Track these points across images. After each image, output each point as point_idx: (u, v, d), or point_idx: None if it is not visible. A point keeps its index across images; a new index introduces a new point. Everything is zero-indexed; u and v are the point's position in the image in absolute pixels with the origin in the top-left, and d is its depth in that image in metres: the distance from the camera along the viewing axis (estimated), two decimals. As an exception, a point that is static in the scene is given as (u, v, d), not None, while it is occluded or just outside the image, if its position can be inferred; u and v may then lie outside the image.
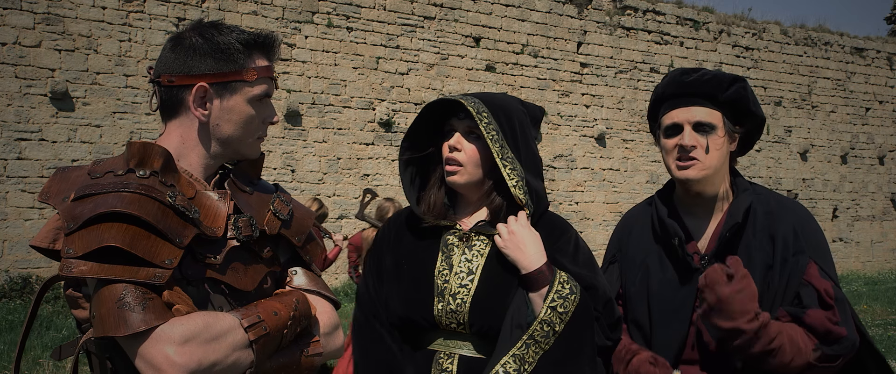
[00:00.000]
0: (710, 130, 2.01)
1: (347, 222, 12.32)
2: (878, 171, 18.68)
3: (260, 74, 1.58)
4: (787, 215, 2.06)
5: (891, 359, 7.69)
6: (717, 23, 16.62)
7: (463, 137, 1.99)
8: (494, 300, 1.92)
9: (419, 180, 2.11)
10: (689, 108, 2.03)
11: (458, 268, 1.97)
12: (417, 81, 13.17)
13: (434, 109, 2.04)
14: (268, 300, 1.52)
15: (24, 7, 10.21)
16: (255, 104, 1.59)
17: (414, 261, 2.02)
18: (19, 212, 10.07)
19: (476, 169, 1.99)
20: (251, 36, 1.58)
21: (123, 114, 10.80)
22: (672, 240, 2.06)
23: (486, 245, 1.99)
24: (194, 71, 1.53)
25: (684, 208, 2.14)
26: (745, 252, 2.02)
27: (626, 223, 2.30)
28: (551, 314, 1.85)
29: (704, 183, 2.04)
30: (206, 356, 1.36)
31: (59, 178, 1.53)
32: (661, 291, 2.08)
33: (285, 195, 1.71)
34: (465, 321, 1.93)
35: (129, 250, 1.36)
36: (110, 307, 1.34)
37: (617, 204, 14.96)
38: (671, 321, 2.04)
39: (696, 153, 2.00)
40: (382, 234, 2.14)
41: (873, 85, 18.64)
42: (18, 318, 8.56)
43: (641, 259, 2.15)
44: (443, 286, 1.95)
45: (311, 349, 1.56)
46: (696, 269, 2.04)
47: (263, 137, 1.65)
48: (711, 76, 2.04)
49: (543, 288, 1.88)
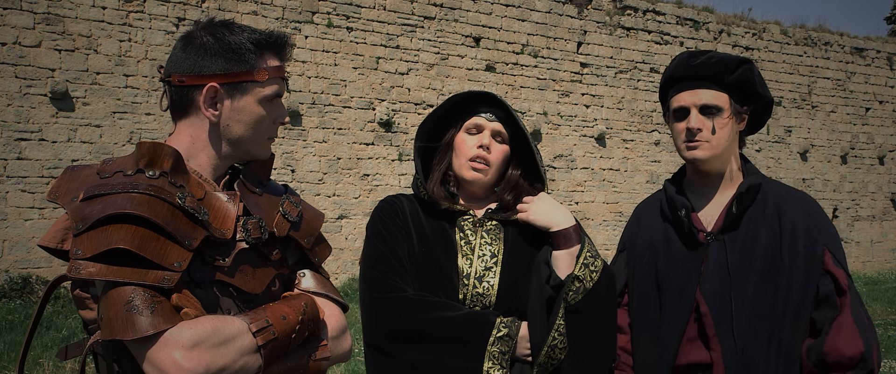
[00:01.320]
0: (716, 112, 2.06)
1: (347, 222, 12.31)
2: (878, 171, 18.68)
3: (271, 75, 1.57)
4: (797, 203, 2.10)
5: (891, 359, 7.69)
6: (717, 23, 16.62)
7: (492, 139, 2.05)
8: (521, 282, 1.97)
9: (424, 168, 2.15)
10: (696, 91, 2.08)
11: (480, 251, 2.01)
12: (417, 81, 13.16)
13: (454, 102, 2.08)
14: (276, 304, 1.51)
15: (24, 7, 10.20)
16: (265, 105, 1.58)
17: (431, 245, 2.03)
18: (19, 212, 10.05)
19: (498, 170, 2.07)
20: (263, 36, 1.57)
21: (123, 114, 10.79)
22: (679, 212, 2.10)
23: (500, 230, 2.05)
24: (205, 71, 1.52)
25: (693, 190, 2.18)
26: (752, 231, 2.05)
27: (636, 212, 2.34)
28: (584, 270, 1.93)
29: (711, 162, 2.09)
30: (214, 360, 1.35)
31: (68, 177, 1.52)
32: (667, 268, 2.12)
33: (295, 197, 1.69)
34: (491, 304, 1.96)
35: (137, 252, 1.35)
36: (118, 310, 1.33)
37: (617, 204, 14.96)
38: (678, 298, 2.07)
39: (702, 135, 2.06)
40: (391, 212, 2.09)
41: (873, 85, 18.64)
42: (18, 318, 8.55)
43: (649, 241, 2.19)
44: (467, 270, 1.98)
45: (318, 353, 1.55)
46: (701, 244, 2.07)
47: (274, 137, 1.64)
48: (718, 59, 2.09)
49: (575, 246, 1.95)
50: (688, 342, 2.05)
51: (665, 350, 2.06)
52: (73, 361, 1.53)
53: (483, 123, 2.05)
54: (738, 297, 2.00)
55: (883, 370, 7.33)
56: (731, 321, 1.99)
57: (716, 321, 2.00)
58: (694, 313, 2.05)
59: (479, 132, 2.05)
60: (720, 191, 2.13)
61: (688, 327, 2.05)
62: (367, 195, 12.61)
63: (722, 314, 2.00)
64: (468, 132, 2.06)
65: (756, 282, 2.01)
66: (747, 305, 1.99)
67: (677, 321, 2.05)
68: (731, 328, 1.99)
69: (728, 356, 1.98)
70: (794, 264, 2.00)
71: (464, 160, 2.04)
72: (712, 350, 2.00)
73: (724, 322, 2.00)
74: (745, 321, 1.98)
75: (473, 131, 2.06)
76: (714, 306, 2.01)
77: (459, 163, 2.05)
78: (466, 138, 2.05)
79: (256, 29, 1.59)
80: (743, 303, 1.99)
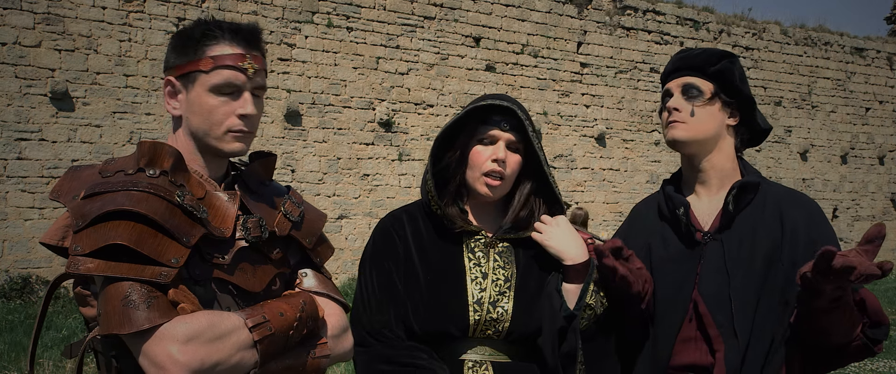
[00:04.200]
0: (696, 93, 2.08)
1: (347, 222, 12.32)
2: (878, 171, 18.69)
3: (218, 63, 1.51)
4: (798, 204, 2.08)
5: (891, 359, 7.70)
6: (717, 23, 16.62)
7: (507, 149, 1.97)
8: (534, 307, 1.94)
9: None
10: (681, 78, 2.13)
11: (493, 276, 1.96)
12: (417, 81, 13.16)
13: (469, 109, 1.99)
14: (274, 301, 1.51)
15: (24, 7, 10.20)
16: (217, 95, 1.53)
17: (436, 268, 1.97)
18: (19, 212, 10.06)
19: (511, 181, 2.00)
20: (212, 24, 1.55)
21: (123, 114, 10.80)
22: (677, 210, 2.10)
23: (511, 252, 2.00)
24: (167, 66, 1.56)
25: (690, 190, 2.18)
26: (750, 230, 2.04)
27: (633, 212, 2.33)
28: (595, 297, 1.97)
29: (690, 145, 2.09)
30: (209, 355, 1.35)
31: (70, 176, 1.53)
32: (664, 267, 2.10)
33: (297, 197, 1.70)
34: (505, 329, 1.92)
35: (135, 248, 1.36)
36: (115, 305, 1.34)
37: (617, 204, 14.97)
38: (674, 297, 2.06)
39: (679, 115, 2.07)
40: (387, 244, 2.03)
41: (873, 85, 18.65)
42: (18, 318, 8.55)
43: (645, 240, 2.17)
44: (479, 295, 1.93)
45: (318, 350, 1.55)
46: (699, 243, 2.07)
47: (241, 132, 1.55)
48: (702, 51, 2.16)
49: (583, 280, 1.96)
50: (682, 342, 2.04)
51: (660, 350, 2.05)
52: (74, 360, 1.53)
53: (497, 134, 1.95)
54: (739, 297, 1.99)
55: (883, 370, 7.33)
56: (732, 320, 1.98)
57: (717, 322, 1.99)
58: (692, 313, 2.04)
59: (493, 143, 1.96)
60: (717, 191, 2.12)
61: (684, 327, 2.04)
62: (367, 195, 12.62)
63: (723, 315, 1.99)
64: (481, 143, 1.96)
65: (755, 282, 2.00)
66: (749, 304, 1.98)
67: (673, 320, 2.05)
68: (732, 328, 1.97)
69: (731, 356, 1.97)
70: (796, 266, 1.99)
71: (478, 174, 1.95)
72: (716, 351, 2.00)
73: (726, 323, 1.98)
74: (747, 321, 1.97)
75: (487, 142, 1.96)
76: (713, 306, 2.00)
77: (473, 176, 1.97)
78: (481, 150, 1.96)
79: (221, 20, 1.57)
80: (744, 303, 1.98)
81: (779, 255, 2.01)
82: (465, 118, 1.99)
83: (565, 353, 1.90)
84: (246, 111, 1.53)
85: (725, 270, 2.01)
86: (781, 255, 2.01)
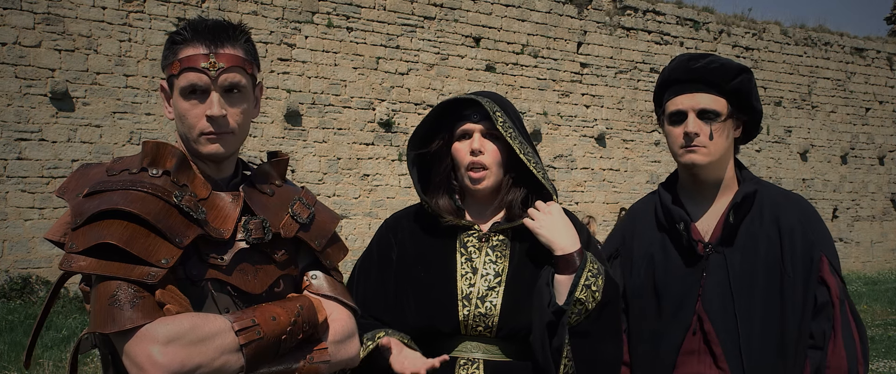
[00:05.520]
0: (714, 117, 2.00)
1: (347, 222, 12.32)
2: (878, 171, 18.69)
3: (183, 65, 1.49)
4: (792, 207, 2.07)
5: (891, 359, 7.69)
6: (717, 23, 16.62)
7: (483, 139, 1.96)
8: (525, 302, 1.90)
9: (423, 179, 2.06)
10: (694, 94, 2.01)
11: (483, 270, 1.94)
12: (417, 81, 13.16)
13: (441, 108, 2.01)
14: (269, 305, 1.49)
15: (24, 7, 10.20)
16: (187, 98, 1.50)
17: (429, 265, 1.97)
18: (19, 212, 10.06)
19: (499, 170, 1.97)
20: (183, 27, 1.54)
21: (123, 114, 10.80)
22: (677, 225, 2.06)
23: (506, 246, 1.97)
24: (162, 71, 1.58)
25: (688, 197, 2.13)
26: (751, 242, 2.02)
27: (629, 217, 2.29)
28: (585, 291, 1.85)
29: (708, 169, 2.04)
30: (190, 357, 1.34)
31: (79, 174, 1.54)
32: (666, 280, 2.07)
33: (309, 198, 1.67)
34: (494, 324, 1.90)
35: (125, 247, 1.36)
36: (102, 304, 1.35)
37: (617, 204, 14.95)
38: (677, 311, 2.04)
39: (699, 140, 1.99)
40: (381, 250, 2.05)
41: (873, 85, 18.64)
42: (18, 318, 8.55)
43: (645, 250, 2.13)
44: (468, 290, 1.92)
45: (316, 355, 1.52)
46: (701, 256, 2.04)
47: (209, 134, 1.51)
48: (719, 65, 2.03)
49: (574, 271, 1.87)
50: (686, 354, 2.02)
51: (662, 364, 2.03)
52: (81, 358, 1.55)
53: (470, 127, 1.96)
54: (744, 314, 1.97)
55: (883, 370, 7.32)
56: (738, 338, 1.96)
57: (722, 339, 1.97)
58: (697, 328, 2.02)
59: (469, 137, 1.97)
60: (717, 199, 2.09)
61: (687, 339, 2.02)
62: (367, 195, 12.62)
63: (728, 332, 1.97)
64: (459, 140, 1.98)
65: (761, 296, 1.99)
66: (755, 320, 1.97)
67: (675, 334, 2.02)
68: (738, 346, 1.96)
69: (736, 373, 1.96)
70: (795, 272, 1.99)
71: (463, 170, 1.97)
72: (721, 369, 1.98)
73: (731, 341, 1.97)
74: (754, 338, 1.96)
75: (465, 137, 1.98)
76: (719, 323, 1.98)
77: (461, 173, 1.99)
78: (460, 147, 1.97)
79: (194, 21, 1.56)
80: (749, 319, 1.97)
81: (780, 263, 2.00)
82: (442, 119, 2.01)
83: (556, 348, 1.85)
84: (212, 113, 1.48)
85: (729, 288, 2.00)
86: (783, 264, 2.00)
